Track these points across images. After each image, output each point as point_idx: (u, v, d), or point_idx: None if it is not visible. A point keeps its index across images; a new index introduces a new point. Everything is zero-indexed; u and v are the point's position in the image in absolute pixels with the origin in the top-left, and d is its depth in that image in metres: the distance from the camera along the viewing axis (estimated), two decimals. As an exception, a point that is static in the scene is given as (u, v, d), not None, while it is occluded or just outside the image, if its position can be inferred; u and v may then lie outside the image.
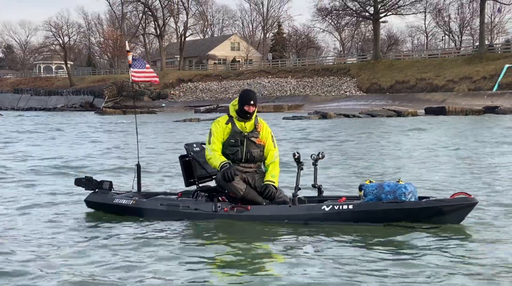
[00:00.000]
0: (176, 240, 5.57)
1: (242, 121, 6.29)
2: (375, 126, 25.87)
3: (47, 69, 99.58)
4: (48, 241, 5.70)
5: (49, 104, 74.26)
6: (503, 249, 4.97)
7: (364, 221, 5.72)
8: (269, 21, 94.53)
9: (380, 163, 11.64)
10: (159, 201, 6.58)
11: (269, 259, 4.93)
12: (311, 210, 5.91)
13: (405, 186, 5.72)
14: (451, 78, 49.65)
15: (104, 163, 12.53)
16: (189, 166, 6.57)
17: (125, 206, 6.66)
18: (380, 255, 4.86)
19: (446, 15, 75.13)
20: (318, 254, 4.94)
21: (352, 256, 4.84)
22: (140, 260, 4.90)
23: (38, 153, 15.00)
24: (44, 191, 8.80)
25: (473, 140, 16.70)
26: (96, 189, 7.01)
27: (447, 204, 5.67)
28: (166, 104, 63.64)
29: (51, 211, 7.19)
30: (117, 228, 6.18)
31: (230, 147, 6.25)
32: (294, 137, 19.89)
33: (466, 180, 8.98)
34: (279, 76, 64.46)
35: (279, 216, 5.97)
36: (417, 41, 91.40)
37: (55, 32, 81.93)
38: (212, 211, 6.17)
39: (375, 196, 5.74)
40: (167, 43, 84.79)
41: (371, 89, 54.95)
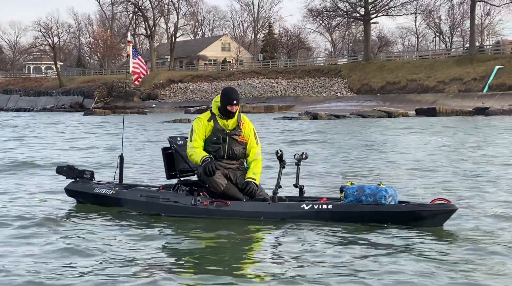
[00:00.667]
0: (153, 233, 5.54)
1: (224, 119, 6.26)
2: (365, 127, 25.75)
3: (36, 70, 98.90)
4: (17, 232, 5.64)
5: (39, 105, 73.75)
6: (481, 249, 4.93)
7: (342, 221, 5.75)
8: (260, 22, 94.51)
9: (367, 165, 11.54)
10: (139, 192, 6.58)
11: (245, 254, 4.90)
12: (291, 208, 5.94)
13: (386, 189, 5.77)
14: (441, 80, 49.71)
15: (88, 156, 12.66)
16: (171, 159, 6.57)
17: (104, 196, 6.64)
18: (354, 252, 4.88)
19: (437, 16, 75.34)
20: (292, 251, 4.91)
21: (328, 253, 4.86)
22: (114, 253, 4.80)
23: (20, 148, 14.73)
24: (22, 182, 8.76)
25: (462, 142, 16.61)
26: (77, 178, 7.00)
27: (426, 209, 5.69)
28: (156, 105, 63.33)
29: (28, 201, 7.13)
30: (95, 218, 6.11)
31: (212, 144, 6.24)
32: (284, 138, 19.73)
33: (451, 183, 8.86)
34: (269, 77, 64.31)
35: (258, 213, 5.99)
36: (407, 43, 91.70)
37: (44, 32, 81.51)
38: (192, 205, 6.16)
39: (356, 198, 5.79)
40: (157, 43, 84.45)
41: (362, 90, 54.92)
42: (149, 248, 5.04)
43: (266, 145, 15.85)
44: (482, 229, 5.71)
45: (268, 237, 5.50)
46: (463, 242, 5.21)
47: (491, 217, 6.26)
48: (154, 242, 5.26)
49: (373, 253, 4.82)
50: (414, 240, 5.26)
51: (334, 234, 5.47)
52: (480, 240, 5.25)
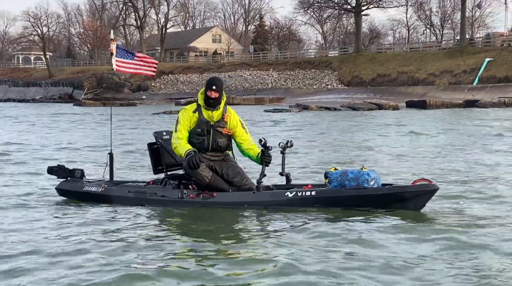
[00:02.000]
0: (144, 227, 5.55)
1: (209, 111, 6.26)
2: (355, 119, 25.72)
3: (25, 60, 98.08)
4: (13, 227, 5.65)
5: (28, 96, 73.19)
6: (462, 233, 4.98)
7: (326, 205, 5.84)
8: (251, 13, 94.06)
9: (354, 153, 11.69)
10: (127, 188, 6.66)
11: (232, 244, 4.88)
12: (275, 196, 6.02)
13: (368, 172, 5.82)
14: (432, 72, 49.78)
15: (78, 152, 12.52)
16: (157, 154, 6.63)
17: (94, 193, 6.73)
18: (338, 239, 4.90)
19: (428, 8, 75.42)
20: (277, 239, 4.93)
21: (314, 238, 4.90)
22: (106, 248, 4.77)
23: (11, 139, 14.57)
24: (13, 178, 8.73)
25: (450, 133, 16.62)
26: (68, 177, 7.06)
27: (408, 190, 5.75)
28: (146, 97, 63.08)
29: (20, 199, 7.14)
30: (84, 215, 6.15)
31: (196, 135, 6.27)
32: (274, 130, 19.67)
33: (434, 169, 8.97)
34: (260, 69, 64.15)
35: (243, 203, 6.06)
36: (398, 35, 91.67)
37: (33, 22, 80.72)
38: (179, 198, 6.21)
39: (339, 183, 5.85)
40: (147, 34, 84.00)
41: (353, 82, 54.90)
42: (138, 239, 5.03)
43: (255, 136, 15.73)
44: (458, 210, 5.80)
45: (253, 225, 5.54)
46: (443, 225, 5.27)
47: (471, 200, 6.41)
48: (142, 231, 5.29)
49: (359, 238, 4.86)
50: (397, 224, 5.33)
51: (320, 219, 5.54)
52: (461, 224, 5.30)
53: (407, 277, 3.96)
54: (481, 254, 4.45)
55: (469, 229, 5.12)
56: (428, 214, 5.82)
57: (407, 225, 5.30)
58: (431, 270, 4.09)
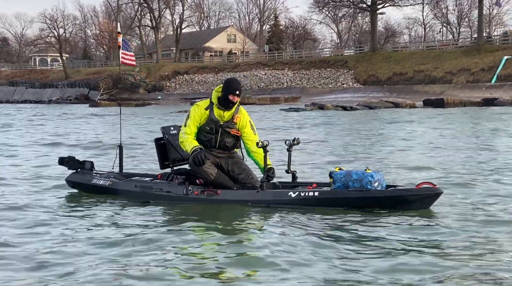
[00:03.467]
0: (147, 222, 5.62)
1: (221, 110, 6.30)
2: (372, 118, 25.48)
3: (42, 62, 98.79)
4: (25, 217, 5.86)
5: (44, 97, 73.59)
6: (468, 235, 4.93)
7: (329, 206, 5.87)
8: (266, 13, 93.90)
9: (369, 152, 11.52)
10: (133, 182, 6.78)
11: (236, 241, 4.90)
12: (278, 196, 6.08)
13: (372, 174, 5.81)
14: (449, 70, 49.25)
15: (91, 145, 13.17)
16: (164, 149, 6.72)
17: (101, 186, 6.86)
18: (342, 237, 4.94)
19: (444, 6, 74.71)
20: (281, 237, 4.92)
21: (318, 237, 4.90)
22: (113, 243, 4.84)
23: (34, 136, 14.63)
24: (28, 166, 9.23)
25: (469, 132, 16.35)
26: (78, 168, 7.17)
27: (411, 194, 5.76)
28: (162, 97, 63.16)
29: (33, 188, 7.40)
30: (91, 209, 6.28)
31: (205, 133, 6.32)
32: (289, 128, 19.52)
33: (449, 170, 8.79)
34: (275, 68, 63.94)
35: (247, 201, 6.13)
36: (414, 33, 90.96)
37: (50, 24, 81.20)
38: (183, 194, 6.30)
39: (343, 184, 5.87)
40: (163, 35, 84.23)
41: (369, 81, 54.52)
42: (141, 236, 5.07)
43: (270, 134, 15.67)
44: (468, 213, 5.72)
45: (255, 223, 5.57)
46: (447, 226, 5.23)
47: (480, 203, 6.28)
48: (147, 229, 5.33)
49: (363, 239, 4.84)
50: (401, 224, 5.29)
51: (323, 220, 5.54)
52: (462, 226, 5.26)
53: (411, 278, 3.90)
54: (491, 255, 4.36)
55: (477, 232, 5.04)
56: (436, 213, 5.74)
57: (412, 225, 5.26)
58: (435, 271, 4.03)
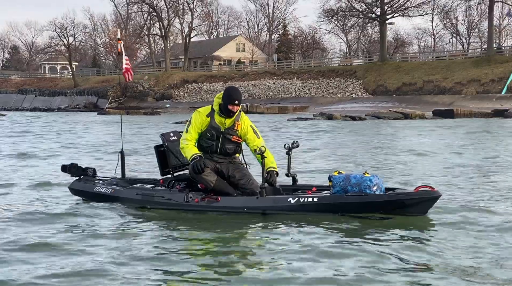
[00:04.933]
0: (148, 230, 5.69)
1: (222, 117, 6.34)
2: (380, 128, 25.26)
3: (52, 70, 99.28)
4: (29, 224, 5.96)
5: (53, 105, 73.88)
6: (465, 241, 4.98)
7: (328, 212, 5.85)
8: (275, 22, 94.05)
9: (374, 159, 11.48)
10: (135, 190, 6.84)
11: (236, 248, 4.98)
12: (277, 202, 6.09)
13: (370, 178, 5.79)
14: (459, 81, 48.98)
15: (95, 151, 13.52)
16: (164, 156, 6.79)
17: (104, 194, 6.91)
18: (334, 242, 4.98)
19: (454, 17, 74.48)
20: (277, 244, 4.98)
21: (318, 244, 4.93)
22: (113, 251, 4.89)
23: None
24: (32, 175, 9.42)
25: (476, 144, 16.10)
26: (81, 175, 7.22)
27: (410, 197, 5.73)
28: (170, 105, 63.19)
29: (37, 194, 7.55)
30: (94, 216, 6.34)
31: (206, 139, 6.37)
32: (297, 137, 19.34)
33: (452, 179, 8.71)
34: (284, 78, 63.88)
35: (247, 208, 6.15)
36: (423, 44, 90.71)
37: (59, 32, 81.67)
38: (184, 201, 6.35)
39: (342, 188, 5.87)
40: (172, 44, 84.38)
41: (378, 91, 54.31)
42: (141, 242, 5.16)
43: (276, 141, 15.47)
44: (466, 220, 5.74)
45: (254, 231, 5.60)
46: (445, 231, 5.26)
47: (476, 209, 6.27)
48: (145, 235, 5.42)
49: (360, 243, 4.88)
50: (399, 230, 5.31)
51: (322, 225, 5.54)
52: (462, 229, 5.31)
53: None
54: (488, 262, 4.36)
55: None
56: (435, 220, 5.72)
57: (409, 230, 5.28)
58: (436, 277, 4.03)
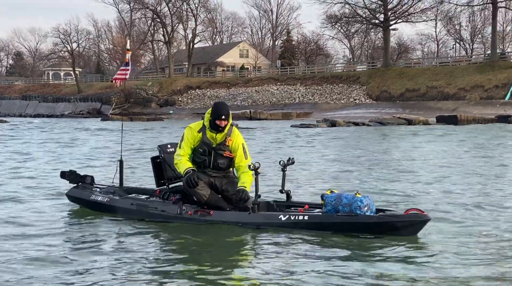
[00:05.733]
0: (140, 241, 5.77)
1: (213, 133, 6.46)
2: (383, 135, 25.17)
3: (55, 76, 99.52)
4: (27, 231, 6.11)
5: (57, 111, 73.95)
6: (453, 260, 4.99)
7: (318, 230, 5.93)
8: (278, 28, 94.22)
9: (373, 173, 11.22)
10: (130, 200, 6.93)
11: (228, 260, 5.08)
12: (269, 218, 6.19)
13: (361, 199, 5.89)
14: (462, 87, 48.88)
15: (93, 158, 13.60)
16: (160, 168, 6.87)
17: (99, 203, 7.02)
18: (332, 258, 5.07)
19: (457, 23, 74.41)
20: (268, 259, 5.07)
21: (307, 260, 5.02)
22: (106, 261, 4.99)
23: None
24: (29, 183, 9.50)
25: (480, 151, 16.01)
26: (79, 182, 7.33)
27: (399, 220, 5.79)
28: (173, 111, 63.20)
29: (35, 202, 7.66)
30: (89, 225, 6.46)
31: (199, 155, 6.49)
32: (300, 145, 19.28)
33: (449, 193, 8.56)
34: (288, 84, 63.87)
35: (238, 223, 6.23)
36: (427, 49, 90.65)
37: (63, 39, 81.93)
38: (177, 214, 6.46)
39: (333, 207, 5.95)
40: (175, 50, 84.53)
41: (381, 97, 54.24)
42: (136, 251, 5.26)
43: (277, 154, 15.42)
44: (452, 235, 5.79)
45: (246, 245, 5.69)
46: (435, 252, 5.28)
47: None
48: (141, 245, 5.51)
49: (351, 261, 4.95)
50: (391, 249, 5.37)
51: (314, 242, 5.64)
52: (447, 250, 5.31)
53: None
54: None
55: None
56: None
57: (401, 249, 5.35)
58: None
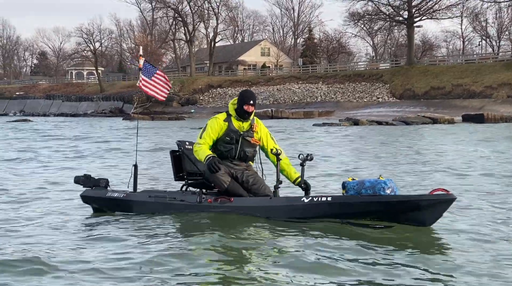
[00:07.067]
0: (161, 234, 5.73)
1: (239, 121, 6.43)
2: (408, 134, 24.54)
3: (78, 75, 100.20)
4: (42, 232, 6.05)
5: (80, 110, 74.38)
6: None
7: (342, 213, 5.86)
8: (300, 26, 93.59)
9: (404, 170, 10.74)
10: (147, 193, 6.93)
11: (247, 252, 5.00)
12: (291, 201, 6.12)
13: (385, 181, 5.82)
14: (489, 85, 47.84)
15: (108, 162, 13.42)
16: (179, 160, 6.80)
17: (116, 199, 6.96)
18: (356, 252, 4.94)
19: (484, 19, 73.01)
20: (279, 250, 5.02)
21: (325, 252, 4.93)
22: (128, 255, 4.95)
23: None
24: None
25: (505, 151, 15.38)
26: (93, 186, 7.30)
27: (424, 199, 5.67)
28: (195, 110, 63.05)
29: (50, 204, 7.67)
30: (108, 222, 6.48)
31: (224, 144, 6.39)
32: (321, 142, 18.79)
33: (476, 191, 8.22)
34: (309, 82, 63.27)
35: (260, 208, 6.17)
36: (452, 47, 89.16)
37: (86, 38, 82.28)
38: (197, 202, 6.36)
39: (356, 192, 5.88)
40: (197, 48, 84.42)
41: (405, 95, 53.37)
42: (154, 245, 5.22)
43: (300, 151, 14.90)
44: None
45: (263, 237, 5.55)
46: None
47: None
48: (157, 240, 5.45)
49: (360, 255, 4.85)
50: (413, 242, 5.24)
51: (334, 232, 5.56)
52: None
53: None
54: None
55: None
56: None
57: (414, 241, 5.22)
58: None
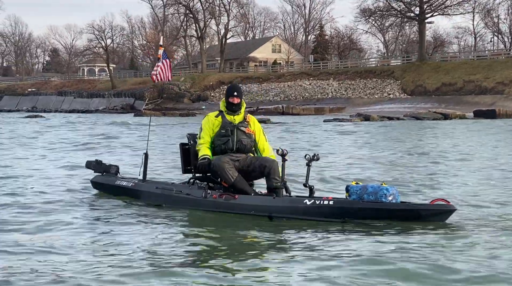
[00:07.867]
0: (165, 226, 5.82)
1: (231, 115, 6.68)
2: (419, 129, 24.55)
3: (90, 72, 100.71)
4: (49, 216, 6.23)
5: (91, 107, 74.75)
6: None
7: (342, 217, 5.88)
8: (311, 23, 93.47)
9: (414, 167, 10.79)
10: (155, 184, 7.08)
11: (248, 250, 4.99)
12: (294, 202, 6.21)
13: (387, 188, 5.93)
14: (501, 81, 47.62)
15: (119, 151, 13.92)
16: (188, 154, 6.87)
17: (124, 187, 7.16)
18: (361, 249, 4.90)
19: (496, 15, 72.59)
20: (281, 249, 5.01)
21: (327, 249, 4.91)
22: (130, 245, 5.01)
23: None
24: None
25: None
26: (104, 172, 7.47)
27: (425, 208, 5.81)
28: (206, 107, 63.19)
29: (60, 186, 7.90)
30: (114, 210, 6.54)
31: (221, 137, 6.60)
32: (333, 140, 18.86)
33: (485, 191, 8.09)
34: (320, 79, 63.23)
35: (263, 206, 6.22)
36: (463, 43, 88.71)
37: (98, 35, 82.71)
38: (202, 197, 6.46)
39: (358, 196, 5.98)
40: (208, 45, 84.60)
41: (416, 91, 53.23)
42: (155, 239, 5.28)
43: (312, 148, 15.12)
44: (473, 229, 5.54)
45: (265, 235, 5.53)
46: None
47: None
48: (159, 233, 5.54)
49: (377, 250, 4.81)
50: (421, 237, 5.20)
51: (336, 230, 5.56)
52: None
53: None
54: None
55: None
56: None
57: (418, 240, 5.17)
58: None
